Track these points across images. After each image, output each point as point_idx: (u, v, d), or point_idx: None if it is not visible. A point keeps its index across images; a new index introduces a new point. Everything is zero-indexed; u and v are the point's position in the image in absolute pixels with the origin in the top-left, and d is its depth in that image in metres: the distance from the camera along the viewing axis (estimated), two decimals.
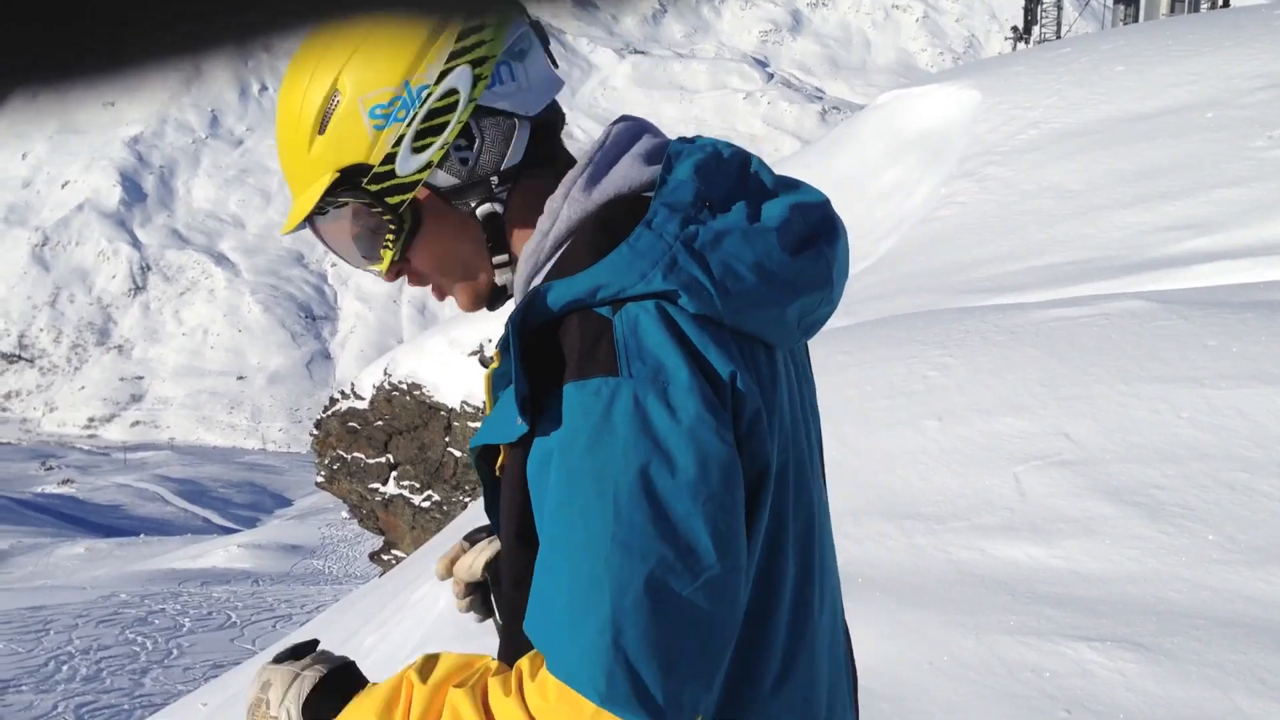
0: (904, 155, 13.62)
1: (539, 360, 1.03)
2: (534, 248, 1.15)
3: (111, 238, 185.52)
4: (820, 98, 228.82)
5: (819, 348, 5.53)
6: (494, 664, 1.08)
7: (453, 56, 1.13)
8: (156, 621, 17.69)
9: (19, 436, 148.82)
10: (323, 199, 1.17)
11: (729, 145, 1.18)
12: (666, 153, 1.14)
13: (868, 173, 14.14)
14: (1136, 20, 27.44)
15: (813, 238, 1.14)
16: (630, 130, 1.20)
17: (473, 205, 1.18)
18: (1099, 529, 3.49)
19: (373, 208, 1.17)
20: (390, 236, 1.18)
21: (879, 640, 3.22)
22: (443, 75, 1.13)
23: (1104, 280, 6.33)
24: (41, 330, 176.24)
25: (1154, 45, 12.04)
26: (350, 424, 21.24)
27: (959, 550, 3.59)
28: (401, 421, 20.45)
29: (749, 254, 1.06)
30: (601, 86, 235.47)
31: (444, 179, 1.16)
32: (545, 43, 1.22)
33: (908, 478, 4.07)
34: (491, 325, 19.90)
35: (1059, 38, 32.89)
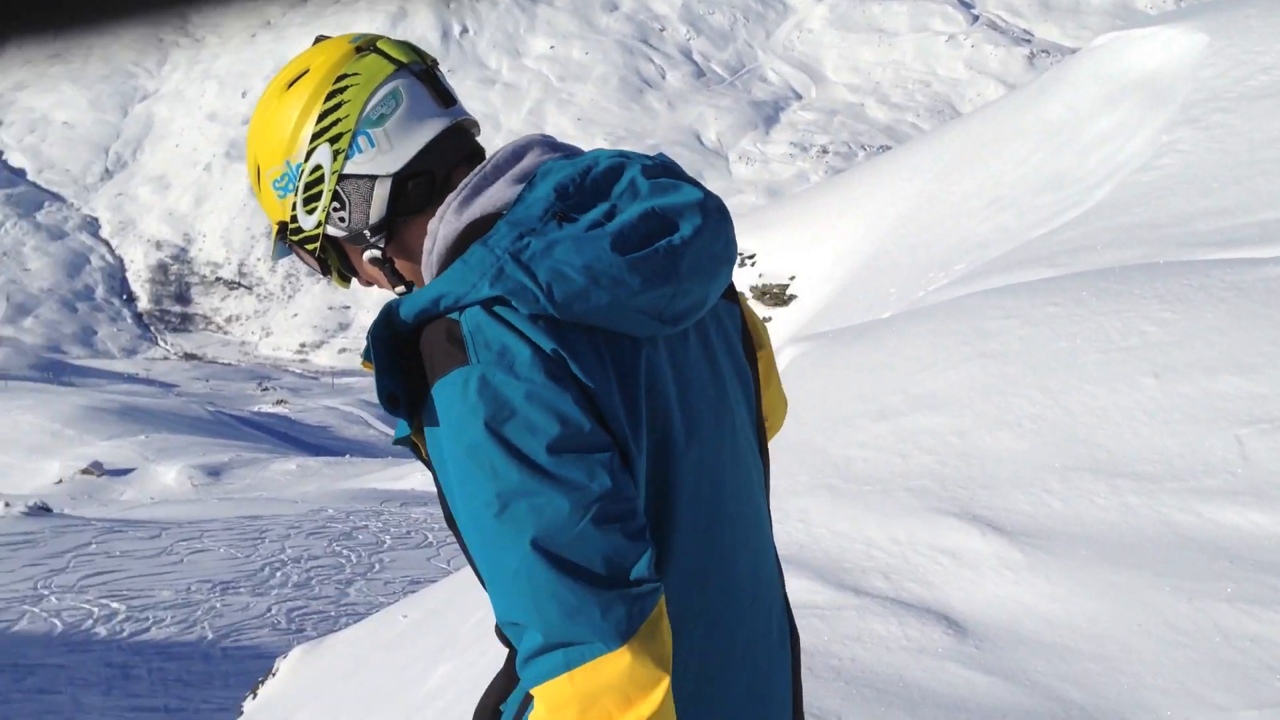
0: (1121, 101, 12.92)
1: (412, 363, 1.22)
2: (425, 265, 1.35)
3: None
4: (1028, 40, 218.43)
5: (1023, 298, 5.37)
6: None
7: (314, 137, 1.37)
8: (360, 537, 18.70)
9: (238, 358, 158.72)
10: (277, 242, 1.48)
11: (613, 158, 1.32)
12: (534, 173, 1.30)
13: (1080, 119, 13.49)
14: None
15: (655, 238, 1.24)
16: (514, 152, 1.35)
17: (362, 252, 1.42)
18: None
19: (305, 248, 1.45)
20: (324, 267, 1.47)
21: (1086, 599, 3.15)
22: (310, 153, 1.37)
23: None
24: (259, 259, 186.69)
25: None
26: None
27: (1174, 512, 3.46)
28: None
29: (578, 258, 1.18)
30: (797, 29, 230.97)
31: (334, 232, 1.41)
32: (433, 83, 1.40)
33: (1120, 435, 3.93)
34: None
35: None
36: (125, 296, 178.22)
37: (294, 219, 1.42)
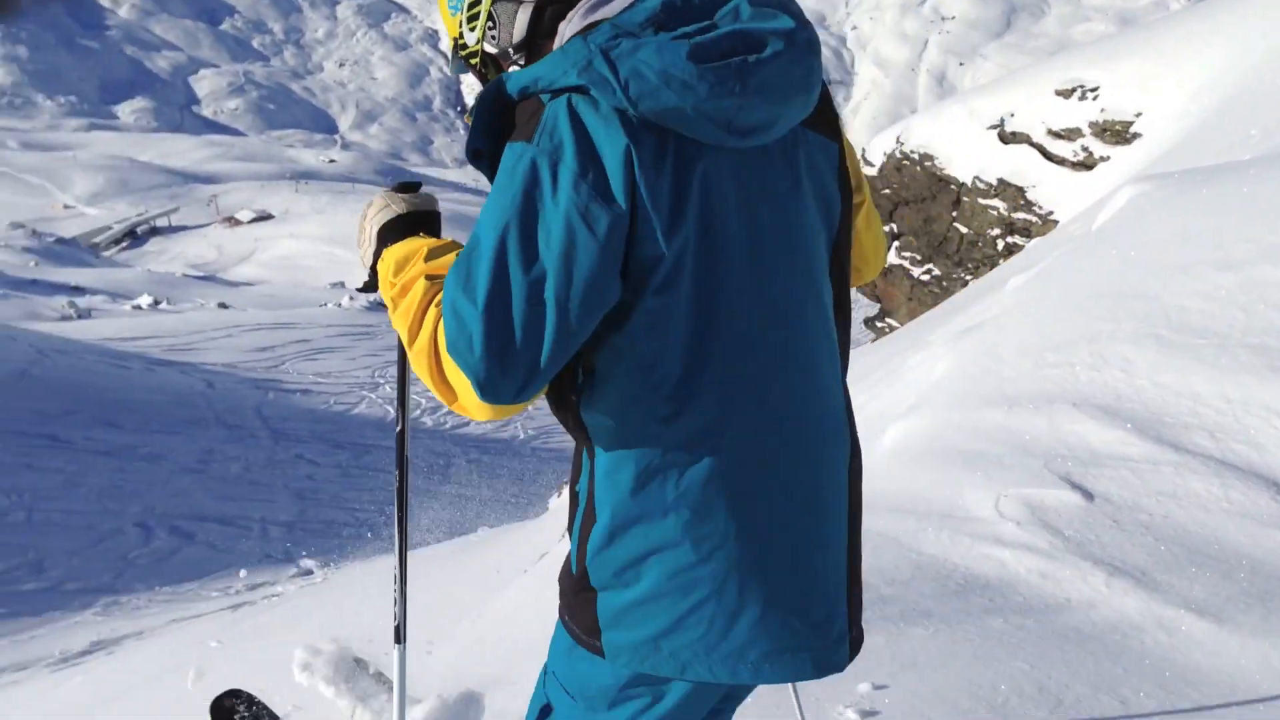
0: None
1: (508, 127, 1.43)
2: None
3: None
4: None
5: None
6: None
7: None
8: None
9: None
10: (454, 58, 1.72)
11: None
12: None
13: None
14: None
15: (735, 54, 1.38)
16: None
17: (508, 68, 1.63)
18: None
19: (470, 62, 1.69)
20: (484, 80, 1.66)
21: None
22: None
23: None
24: None
25: None
26: None
27: None
28: (910, 192, 20.21)
29: (657, 61, 1.35)
30: None
31: (489, 49, 1.64)
32: None
33: None
34: (1013, 97, 18.78)
35: None
36: (459, 109, 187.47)
37: (461, 35, 1.66)
